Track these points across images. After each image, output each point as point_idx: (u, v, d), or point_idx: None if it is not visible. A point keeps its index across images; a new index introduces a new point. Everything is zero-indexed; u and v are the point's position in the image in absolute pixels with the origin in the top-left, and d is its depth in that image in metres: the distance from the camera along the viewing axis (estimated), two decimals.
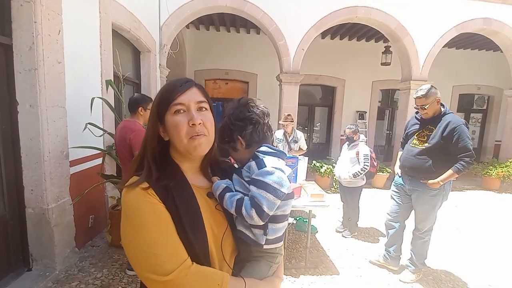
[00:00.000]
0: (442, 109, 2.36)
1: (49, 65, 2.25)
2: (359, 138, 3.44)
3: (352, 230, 3.53)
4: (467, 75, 8.71)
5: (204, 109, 0.72)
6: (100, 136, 2.97)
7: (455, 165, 2.26)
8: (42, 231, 2.32)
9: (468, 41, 7.48)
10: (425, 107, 2.31)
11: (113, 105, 3.10)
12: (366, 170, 3.23)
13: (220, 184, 0.75)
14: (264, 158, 0.76)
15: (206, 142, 0.72)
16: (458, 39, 6.48)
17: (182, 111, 0.69)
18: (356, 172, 3.25)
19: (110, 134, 3.03)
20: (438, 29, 5.82)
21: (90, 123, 2.67)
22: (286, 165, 0.79)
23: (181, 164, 0.75)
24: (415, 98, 2.39)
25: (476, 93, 9.12)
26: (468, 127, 2.28)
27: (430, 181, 2.32)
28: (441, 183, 2.29)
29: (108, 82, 2.91)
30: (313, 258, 2.93)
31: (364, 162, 3.23)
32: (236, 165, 0.89)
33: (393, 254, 2.71)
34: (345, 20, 5.66)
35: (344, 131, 3.56)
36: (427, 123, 2.40)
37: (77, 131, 2.61)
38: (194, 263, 0.65)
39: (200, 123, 0.69)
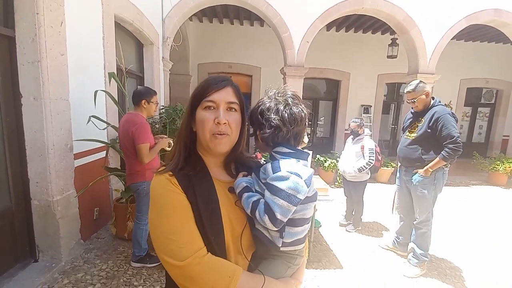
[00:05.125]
0: (432, 101, 2.53)
1: (52, 57, 2.24)
2: (363, 132, 3.40)
3: (356, 225, 3.52)
4: (475, 68, 8.52)
5: (233, 109, 0.74)
6: (103, 129, 2.97)
7: (441, 152, 2.38)
8: (47, 223, 2.35)
9: (477, 33, 7.28)
10: (415, 101, 2.51)
11: (116, 98, 3.09)
12: (372, 165, 3.19)
13: (241, 182, 0.75)
14: (280, 161, 0.71)
15: (227, 141, 0.74)
16: (467, 31, 6.31)
17: (212, 108, 0.72)
18: (361, 167, 3.21)
19: (113, 127, 3.03)
20: (447, 20, 5.66)
21: (93, 116, 2.67)
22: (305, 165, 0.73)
23: (205, 158, 0.78)
24: (405, 93, 2.59)
25: (484, 86, 8.93)
26: (455, 117, 2.41)
27: (420, 170, 2.49)
28: (430, 170, 2.44)
29: (111, 75, 2.90)
30: (317, 252, 2.93)
31: (370, 157, 3.19)
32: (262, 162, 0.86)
33: (401, 241, 2.92)
34: (351, 11, 5.54)
35: (349, 125, 3.51)
36: (419, 116, 2.58)
37: (81, 124, 2.61)
38: (209, 253, 0.67)
39: (225, 123, 0.71)
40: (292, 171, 0.68)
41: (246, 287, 0.67)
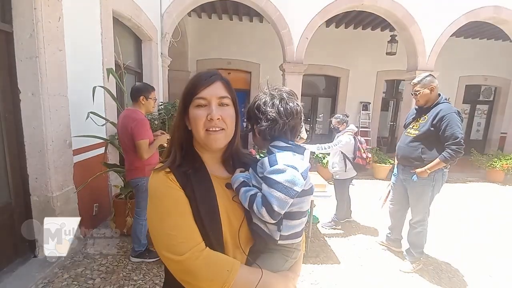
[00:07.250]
0: (438, 98, 2.41)
1: (50, 53, 2.23)
2: (344, 129, 3.31)
3: (335, 222, 3.45)
4: (474, 66, 8.52)
5: (225, 104, 0.74)
6: (102, 125, 2.97)
7: (442, 153, 2.27)
8: None
9: (476, 30, 7.28)
10: (417, 94, 2.40)
11: (115, 94, 3.08)
12: (329, 148, 3.13)
13: (238, 177, 0.75)
14: (277, 154, 0.72)
15: (223, 136, 0.74)
16: (466, 28, 6.31)
17: (204, 105, 0.72)
18: (322, 147, 3.14)
19: (112, 123, 3.03)
20: (447, 17, 5.65)
21: (92, 112, 2.67)
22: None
23: (202, 155, 0.78)
24: (411, 84, 2.51)
25: (483, 84, 8.94)
26: (461, 117, 2.30)
27: (418, 170, 2.38)
28: (428, 171, 2.33)
29: (109, 71, 2.89)
30: (314, 247, 2.95)
31: (334, 143, 3.11)
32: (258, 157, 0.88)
33: (393, 237, 2.93)
34: (350, 7, 5.52)
35: (330, 122, 3.46)
36: (423, 113, 2.45)
37: (80, 120, 2.61)
38: (207, 247, 0.68)
39: (218, 119, 0.71)
40: (289, 164, 0.69)
41: (244, 281, 0.68)
